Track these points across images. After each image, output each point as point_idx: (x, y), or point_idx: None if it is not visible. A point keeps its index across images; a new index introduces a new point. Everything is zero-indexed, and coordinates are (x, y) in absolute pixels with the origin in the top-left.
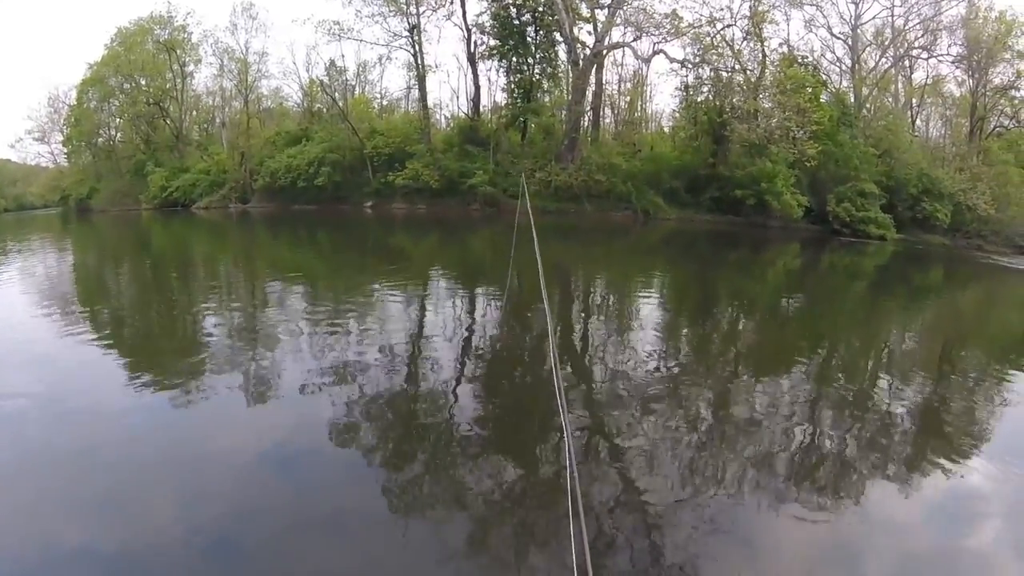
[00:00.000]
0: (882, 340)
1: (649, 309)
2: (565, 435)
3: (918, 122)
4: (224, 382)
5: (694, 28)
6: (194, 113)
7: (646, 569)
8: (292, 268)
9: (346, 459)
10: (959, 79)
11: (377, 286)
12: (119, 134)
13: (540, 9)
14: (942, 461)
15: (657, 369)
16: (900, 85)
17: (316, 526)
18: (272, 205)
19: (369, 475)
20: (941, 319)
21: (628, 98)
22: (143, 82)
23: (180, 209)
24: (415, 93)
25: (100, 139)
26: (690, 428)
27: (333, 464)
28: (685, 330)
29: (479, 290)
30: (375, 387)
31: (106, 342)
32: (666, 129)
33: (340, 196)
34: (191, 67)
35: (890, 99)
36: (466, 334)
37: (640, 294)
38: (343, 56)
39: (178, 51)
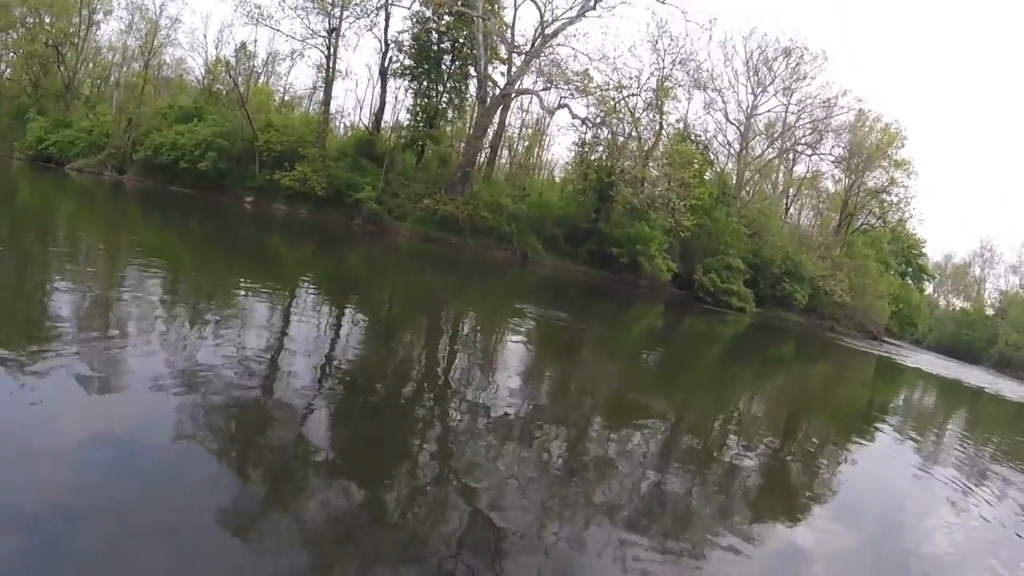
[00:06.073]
0: (732, 402)
1: (515, 349)
2: None
3: (792, 210)
4: (66, 367)
5: (601, 90)
6: (90, 66)
7: None
8: (158, 252)
9: (190, 463)
10: (836, 177)
11: (243, 285)
12: (9, 70)
13: (460, 41)
14: (780, 516)
15: (517, 409)
16: (781, 174)
17: (151, 532)
18: (149, 180)
19: (211, 482)
20: (788, 388)
21: (527, 143)
22: (48, 20)
23: (53, 166)
24: (319, 95)
25: None
26: (540, 469)
27: (177, 467)
28: (547, 373)
29: (347, 309)
30: (227, 391)
31: None
32: (556, 179)
33: (221, 185)
34: (100, 15)
35: (769, 186)
36: (326, 351)
37: (508, 334)
38: (255, 41)
39: None
